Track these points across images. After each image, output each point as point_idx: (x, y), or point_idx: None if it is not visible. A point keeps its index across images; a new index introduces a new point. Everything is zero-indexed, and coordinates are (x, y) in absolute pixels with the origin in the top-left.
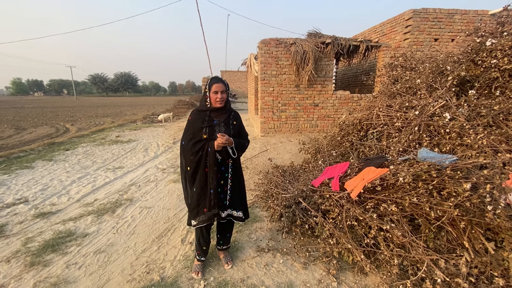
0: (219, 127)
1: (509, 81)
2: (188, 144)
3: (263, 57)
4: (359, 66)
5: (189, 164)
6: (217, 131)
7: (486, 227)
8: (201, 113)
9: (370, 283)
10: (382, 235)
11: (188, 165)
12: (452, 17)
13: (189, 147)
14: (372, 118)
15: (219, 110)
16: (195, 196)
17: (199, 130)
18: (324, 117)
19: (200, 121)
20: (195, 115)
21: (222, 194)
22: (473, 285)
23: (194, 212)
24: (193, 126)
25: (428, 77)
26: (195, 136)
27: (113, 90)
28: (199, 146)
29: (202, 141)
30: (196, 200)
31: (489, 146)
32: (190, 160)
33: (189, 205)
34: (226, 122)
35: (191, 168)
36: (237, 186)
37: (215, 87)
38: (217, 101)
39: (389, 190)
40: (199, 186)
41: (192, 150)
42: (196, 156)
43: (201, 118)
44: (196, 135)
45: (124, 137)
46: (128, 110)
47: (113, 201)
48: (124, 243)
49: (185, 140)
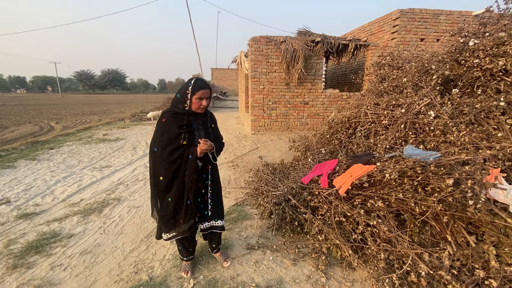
0: (199, 132)
1: (490, 80)
2: (163, 151)
3: (253, 55)
4: (348, 65)
5: (163, 173)
6: (197, 136)
7: (468, 221)
8: (178, 116)
9: (357, 277)
10: (369, 231)
11: (162, 174)
12: (438, 17)
13: (165, 155)
14: (360, 116)
15: (199, 114)
16: (171, 206)
17: (176, 136)
18: (314, 115)
19: (177, 125)
20: (170, 118)
21: (202, 204)
22: (455, 277)
23: (170, 225)
24: (169, 131)
25: (414, 76)
26: (171, 143)
27: (100, 88)
28: (177, 153)
29: (181, 148)
30: (172, 211)
31: (471, 143)
32: (165, 169)
33: (162, 216)
34: (205, 125)
35: (165, 178)
36: (217, 194)
37: (201, 93)
38: (200, 107)
39: (376, 187)
40: (175, 196)
41: (170, 159)
42: (173, 165)
43: (178, 122)
44: (173, 141)
45: (111, 136)
46: (115, 108)
47: (100, 201)
48: (112, 243)
49: (159, 146)
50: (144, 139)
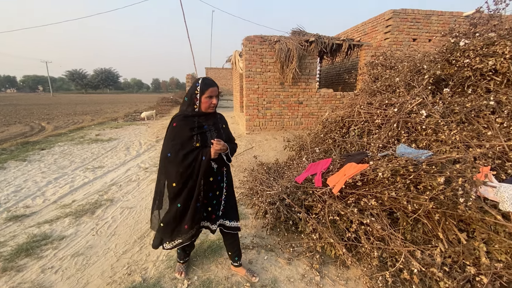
0: (211, 133)
1: (481, 80)
2: (177, 156)
3: (247, 54)
4: (342, 65)
5: (177, 179)
6: (209, 137)
7: (459, 218)
8: (188, 119)
9: (351, 275)
10: (363, 229)
11: (175, 180)
12: (429, 18)
13: (180, 159)
14: (353, 115)
15: (208, 114)
16: (179, 212)
17: (188, 139)
18: (308, 115)
19: (188, 128)
20: (181, 121)
21: (217, 206)
22: (447, 274)
23: (175, 233)
24: (181, 135)
25: (406, 76)
26: (184, 146)
27: (92, 87)
28: (191, 157)
29: (194, 151)
30: (179, 217)
31: (462, 141)
32: (179, 174)
33: (168, 224)
34: (216, 126)
35: (178, 183)
36: (231, 195)
37: (210, 92)
38: (211, 106)
39: (369, 185)
40: (184, 200)
41: (185, 163)
42: (188, 169)
43: (189, 124)
44: (186, 144)
45: (104, 136)
46: (108, 107)
47: (92, 202)
48: (104, 244)
49: (172, 151)
50: (137, 139)
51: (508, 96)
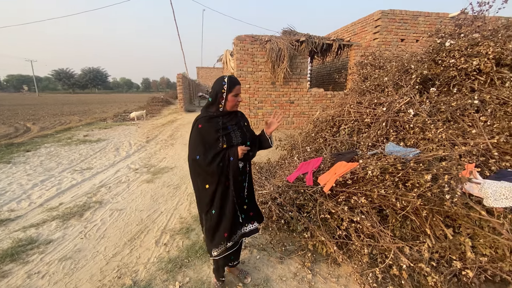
0: (235, 133)
1: (465, 79)
2: (206, 158)
3: (238, 54)
4: (333, 64)
5: (209, 180)
6: (234, 137)
7: (445, 214)
8: (212, 120)
9: (342, 273)
10: (353, 227)
11: (208, 182)
12: (417, 19)
13: (208, 160)
14: (343, 114)
15: (231, 113)
16: (215, 217)
17: (215, 140)
18: (299, 114)
19: (213, 129)
20: (206, 123)
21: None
22: (434, 269)
23: (217, 239)
24: (207, 137)
25: (395, 75)
26: (211, 148)
27: (80, 87)
28: (219, 158)
29: (221, 152)
30: (216, 223)
31: (448, 139)
32: (210, 176)
33: (209, 229)
34: (239, 125)
35: (211, 185)
36: (252, 195)
37: (237, 89)
38: (236, 105)
39: (359, 183)
40: (219, 205)
41: (213, 164)
42: (218, 170)
43: (213, 125)
44: (213, 146)
45: (93, 136)
46: (97, 107)
47: (80, 204)
48: (93, 248)
49: (200, 153)
50: (127, 140)
51: (492, 95)
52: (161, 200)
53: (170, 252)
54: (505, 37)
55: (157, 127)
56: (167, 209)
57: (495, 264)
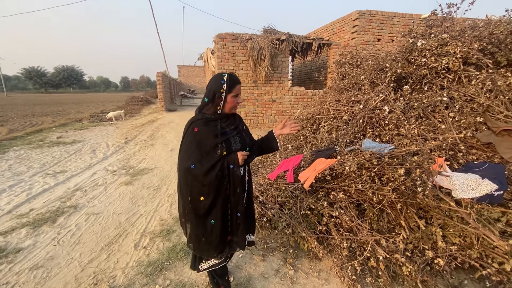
0: (234, 138)
1: (436, 77)
2: (202, 167)
3: (219, 52)
4: (313, 63)
5: (205, 192)
6: (233, 143)
7: (418, 206)
8: (209, 123)
9: (323, 267)
10: (333, 222)
11: (203, 194)
12: (392, 19)
13: (205, 170)
14: (323, 112)
15: (230, 116)
16: (217, 229)
17: (213, 147)
18: (281, 113)
19: (212, 134)
20: (203, 126)
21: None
22: (409, 259)
23: (218, 249)
24: (204, 142)
25: (371, 74)
26: (209, 155)
27: (53, 86)
28: (218, 167)
29: (220, 160)
30: (220, 234)
31: (420, 135)
32: (206, 188)
33: (207, 243)
34: (238, 129)
35: (207, 197)
36: (251, 206)
37: (237, 89)
38: (235, 106)
39: (338, 179)
40: (219, 215)
41: (211, 174)
42: (216, 180)
43: (212, 130)
44: (211, 153)
45: (67, 138)
46: (72, 108)
47: (53, 210)
48: (67, 254)
49: (196, 162)
50: (104, 141)
51: (459, 93)
52: (140, 203)
53: (150, 255)
54: (471, 38)
55: (136, 127)
56: (147, 211)
57: (464, 252)
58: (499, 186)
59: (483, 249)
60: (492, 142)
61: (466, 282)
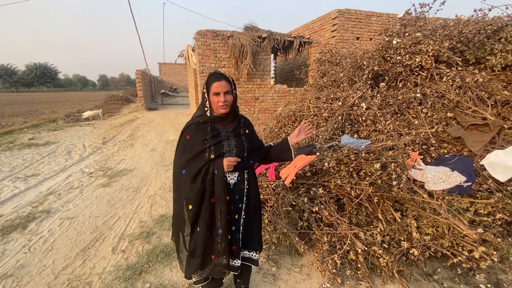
0: (229, 141)
1: (410, 75)
2: (189, 173)
3: (200, 49)
4: (295, 61)
5: (192, 200)
6: (226, 146)
7: (394, 199)
8: (200, 127)
9: (305, 262)
10: (314, 217)
11: (191, 202)
12: (370, 18)
13: (192, 176)
14: (304, 109)
15: (225, 117)
16: (200, 237)
17: (201, 150)
18: (264, 110)
19: (200, 139)
20: (192, 132)
21: (236, 233)
22: (386, 250)
23: (198, 262)
24: (192, 147)
25: (349, 72)
26: (196, 158)
27: (25, 85)
28: (204, 171)
29: (206, 165)
30: (203, 245)
31: (395, 130)
32: (194, 194)
33: (191, 252)
34: (236, 132)
35: (194, 205)
36: (253, 219)
37: (215, 87)
38: (219, 105)
39: (318, 175)
40: (204, 224)
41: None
42: (202, 187)
43: (201, 134)
44: (198, 156)
45: (40, 139)
46: (46, 107)
47: (24, 215)
48: (39, 262)
49: (184, 166)
50: (81, 142)
51: (432, 89)
52: (119, 205)
53: (128, 259)
54: (442, 36)
55: (115, 127)
56: (125, 213)
57: (436, 241)
58: (467, 178)
59: (454, 238)
60: (461, 136)
61: (439, 270)
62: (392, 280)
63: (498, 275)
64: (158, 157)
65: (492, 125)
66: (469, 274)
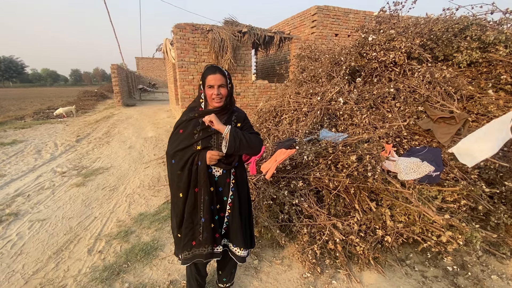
0: (218, 135)
1: (385, 70)
2: (178, 162)
3: (179, 43)
4: (276, 57)
5: (181, 187)
6: (214, 138)
7: (370, 190)
8: (192, 121)
9: (286, 254)
10: (294, 209)
11: (181, 190)
12: (348, 15)
13: (180, 165)
14: (284, 104)
15: (219, 111)
16: (184, 223)
17: (190, 141)
18: (246, 106)
19: (190, 131)
20: (184, 123)
21: (220, 223)
22: (362, 239)
23: (180, 245)
24: (183, 138)
25: (328, 67)
26: (185, 149)
27: None
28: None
29: (193, 154)
30: (185, 230)
31: (371, 124)
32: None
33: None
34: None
35: (183, 193)
36: (239, 212)
37: (210, 80)
38: (213, 98)
39: (297, 168)
40: (188, 210)
41: (184, 169)
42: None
43: (190, 127)
44: (187, 147)
45: (5, 138)
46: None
47: None
48: (8, 267)
49: (174, 155)
50: (52, 140)
51: (404, 84)
52: (95, 205)
53: (106, 260)
54: (414, 34)
55: (89, 124)
56: (102, 213)
57: (408, 228)
58: (436, 168)
59: (424, 224)
60: (431, 129)
61: (411, 255)
62: (368, 267)
63: (464, 257)
64: (136, 154)
65: (458, 118)
66: (437, 257)
